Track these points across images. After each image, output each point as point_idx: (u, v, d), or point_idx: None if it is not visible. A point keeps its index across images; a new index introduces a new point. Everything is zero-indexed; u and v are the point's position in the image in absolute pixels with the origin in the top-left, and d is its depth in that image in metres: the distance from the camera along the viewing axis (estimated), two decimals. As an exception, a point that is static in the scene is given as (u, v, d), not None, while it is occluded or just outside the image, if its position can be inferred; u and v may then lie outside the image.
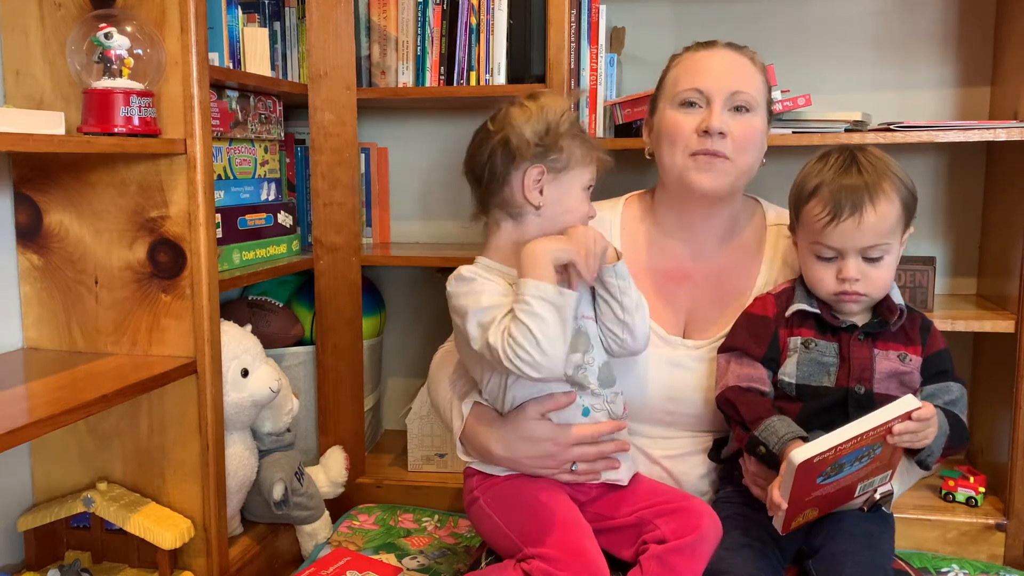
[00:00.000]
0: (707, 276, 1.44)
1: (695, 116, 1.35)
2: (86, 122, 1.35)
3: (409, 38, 2.04)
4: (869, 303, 1.28)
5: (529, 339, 1.12)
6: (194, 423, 1.49)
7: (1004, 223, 1.95)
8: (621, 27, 2.11)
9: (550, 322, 1.13)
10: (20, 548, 1.55)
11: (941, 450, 1.22)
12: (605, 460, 1.28)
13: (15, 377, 1.39)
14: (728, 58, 1.38)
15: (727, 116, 1.34)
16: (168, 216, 1.46)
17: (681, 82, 1.38)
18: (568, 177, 1.26)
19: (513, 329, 1.14)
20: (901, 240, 1.27)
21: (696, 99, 1.35)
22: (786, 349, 1.28)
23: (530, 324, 1.13)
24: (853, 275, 1.24)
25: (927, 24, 2.09)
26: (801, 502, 1.16)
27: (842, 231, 1.23)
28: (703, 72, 1.37)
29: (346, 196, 2.04)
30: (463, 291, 1.23)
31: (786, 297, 1.32)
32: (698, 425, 1.41)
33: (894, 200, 1.23)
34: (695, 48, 1.41)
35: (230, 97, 1.84)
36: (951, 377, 1.29)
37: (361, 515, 1.95)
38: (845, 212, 1.22)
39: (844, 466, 1.15)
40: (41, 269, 1.53)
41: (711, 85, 1.35)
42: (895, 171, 1.25)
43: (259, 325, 1.88)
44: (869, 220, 1.21)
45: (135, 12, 1.41)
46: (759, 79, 1.39)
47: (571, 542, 1.18)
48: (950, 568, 1.68)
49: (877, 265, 1.24)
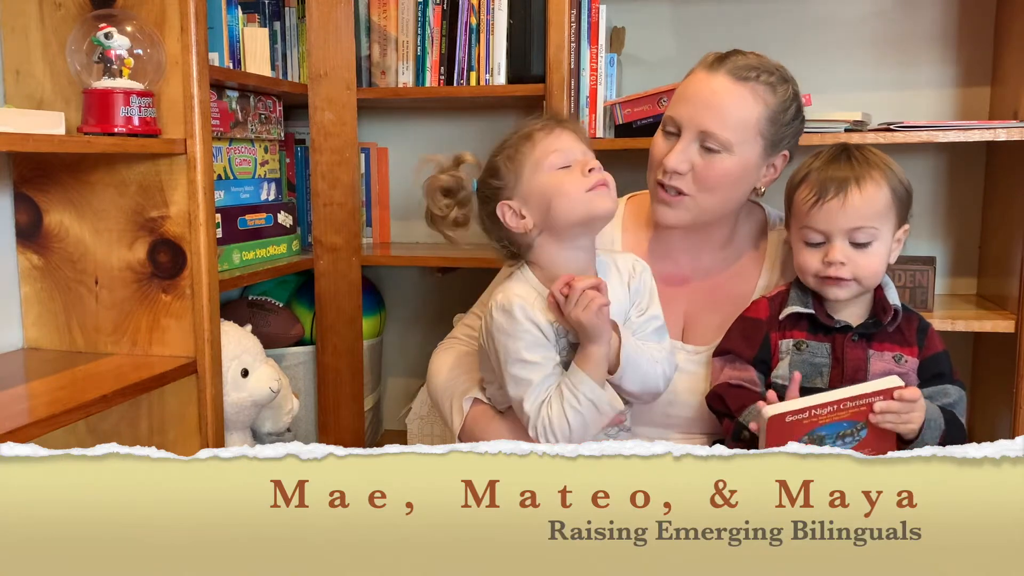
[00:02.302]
0: (707, 281, 1.44)
1: (668, 144, 1.33)
2: (86, 122, 1.35)
3: (409, 38, 2.04)
4: (857, 291, 1.26)
5: (564, 432, 1.16)
6: (194, 423, 1.49)
7: (1004, 223, 1.95)
8: (621, 27, 2.11)
9: (590, 424, 1.17)
10: (20, 548, 1.55)
11: (935, 443, 1.21)
12: None
13: (15, 377, 1.39)
14: (719, 89, 1.29)
15: (694, 152, 1.30)
16: (168, 216, 1.46)
17: (671, 102, 1.35)
18: (527, 182, 1.20)
19: (553, 416, 1.16)
20: (895, 235, 1.26)
21: (672, 128, 1.33)
22: (777, 352, 1.28)
23: (572, 421, 1.16)
24: (839, 258, 1.22)
25: (927, 24, 2.09)
26: None
27: (827, 211, 1.22)
28: (684, 100, 1.32)
29: (346, 196, 2.04)
30: (505, 329, 1.18)
31: (780, 300, 1.31)
32: (696, 428, 1.40)
33: (882, 185, 1.23)
34: (704, 64, 1.34)
35: (230, 97, 1.84)
36: (949, 380, 1.28)
37: (361, 515, 1.95)
38: (830, 192, 1.22)
39: (825, 440, 1.14)
40: (41, 269, 1.53)
41: (683, 118, 1.30)
42: (888, 164, 1.25)
43: (259, 325, 1.88)
44: (854, 200, 1.21)
45: (135, 12, 1.41)
46: (752, 113, 1.29)
47: None
48: (950, 568, 1.67)
49: (865, 251, 1.23)
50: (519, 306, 1.17)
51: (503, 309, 1.19)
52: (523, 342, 1.17)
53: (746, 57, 1.33)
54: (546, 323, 1.18)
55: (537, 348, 1.18)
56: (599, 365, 1.17)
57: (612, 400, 1.19)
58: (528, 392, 1.17)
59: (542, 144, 1.21)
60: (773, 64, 1.34)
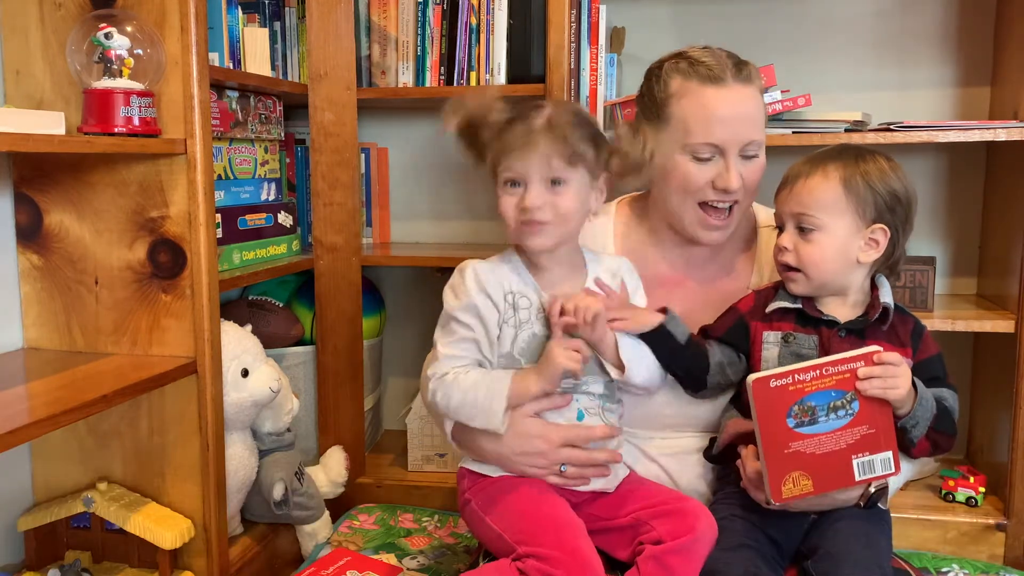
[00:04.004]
0: (701, 281, 1.45)
1: (709, 168, 1.33)
2: (86, 122, 1.35)
3: (409, 38, 2.04)
4: (807, 285, 1.27)
5: (445, 402, 1.25)
6: (194, 423, 1.49)
7: (1004, 223, 1.95)
8: (621, 27, 2.11)
9: (466, 417, 1.25)
10: (20, 548, 1.55)
11: (926, 426, 1.21)
12: (596, 468, 1.28)
13: (15, 377, 1.39)
14: (740, 100, 1.32)
15: (739, 164, 1.33)
16: (168, 216, 1.46)
17: (693, 131, 1.32)
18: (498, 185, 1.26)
19: (451, 385, 1.24)
20: (862, 234, 1.24)
21: (711, 153, 1.33)
22: (760, 342, 1.29)
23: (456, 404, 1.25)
24: (784, 243, 1.27)
25: (927, 24, 2.09)
26: (780, 452, 1.16)
27: (781, 199, 1.29)
28: (717, 124, 1.31)
29: (346, 196, 2.04)
30: (453, 285, 1.28)
31: (766, 294, 1.33)
32: (694, 426, 1.41)
33: (831, 179, 1.24)
34: (702, 80, 1.32)
35: (230, 97, 1.84)
36: (944, 384, 1.28)
37: (361, 515, 1.95)
38: (786, 183, 1.28)
39: (817, 412, 1.16)
40: (41, 269, 1.53)
41: (726, 139, 1.31)
42: (865, 163, 1.25)
43: (259, 325, 1.88)
44: (797, 188, 1.26)
45: (135, 12, 1.41)
46: (762, 105, 1.37)
47: (566, 541, 1.18)
48: (950, 568, 1.68)
49: (808, 239, 1.25)
50: (471, 271, 1.26)
51: (460, 270, 1.28)
52: (460, 302, 1.26)
53: (722, 56, 1.35)
54: (500, 297, 1.25)
55: (469, 312, 1.25)
56: (527, 392, 1.23)
57: (501, 424, 1.23)
58: (446, 346, 1.26)
59: (506, 157, 1.22)
60: (734, 55, 1.38)
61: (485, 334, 1.25)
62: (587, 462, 1.27)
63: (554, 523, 1.21)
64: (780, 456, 1.17)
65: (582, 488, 1.29)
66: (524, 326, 1.26)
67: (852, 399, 1.17)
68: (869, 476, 1.19)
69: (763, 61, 1.86)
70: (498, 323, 1.26)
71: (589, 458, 1.27)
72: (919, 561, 1.69)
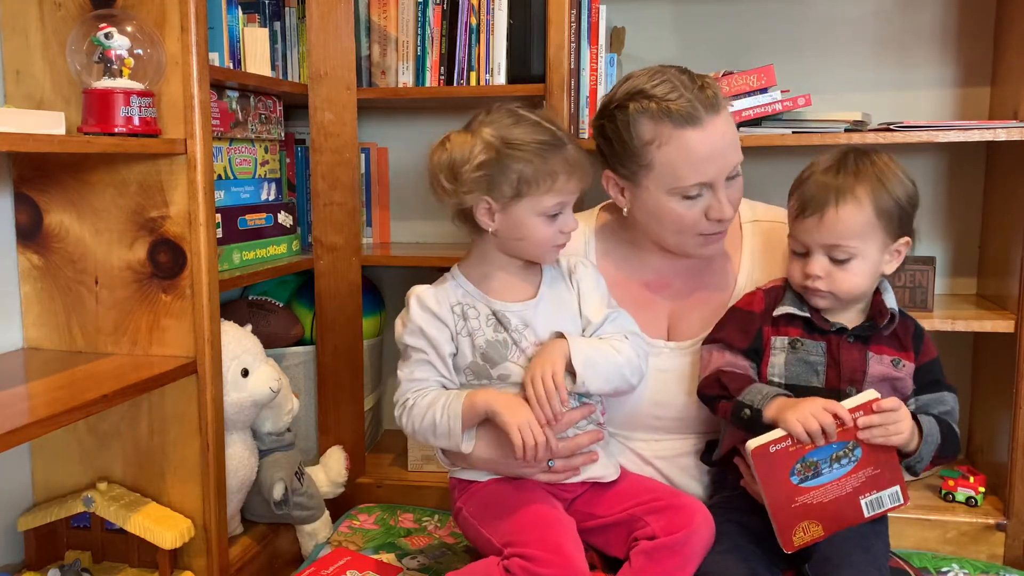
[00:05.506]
0: (687, 282, 1.44)
1: (698, 203, 1.31)
2: (86, 122, 1.35)
3: (409, 38, 2.04)
4: (835, 302, 1.26)
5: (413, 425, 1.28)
6: (194, 423, 1.50)
7: (1004, 223, 1.95)
8: (621, 27, 2.11)
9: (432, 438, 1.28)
10: (20, 548, 1.55)
11: (931, 457, 1.21)
12: (582, 455, 1.28)
13: (15, 377, 1.39)
14: (719, 133, 1.29)
15: (726, 188, 1.32)
16: (168, 216, 1.46)
17: (682, 175, 1.29)
18: (520, 207, 1.24)
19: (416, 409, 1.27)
20: (890, 248, 1.24)
21: (698, 192, 1.31)
22: (769, 347, 1.28)
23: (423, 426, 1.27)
24: (816, 272, 1.23)
25: (927, 24, 2.09)
26: (786, 508, 1.16)
27: (807, 227, 1.23)
28: (704, 162, 1.28)
29: (346, 196, 2.04)
30: (401, 316, 1.32)
31: (775, 295, 1.31)
32: (687, 428, 1.41)
33: (864, 206, 1.20)
34: (677, 124, 1.27)
35: (230, 97, 1.84)
36: (944, 386, 1.29)
37: (361, 515, 1.95)
38: (809, 208, 1.23)
39: (820, 466, 1.15)
40: (41, 269, 1.53)
41: (715, 175, 1.30)
42: (885, 178, 1.22)
43: (259, 325, 1.88)
44: (829, 219, 1.21)
45: (135, 12, 1.41)
46: (733, 122, 1.34)
47: (550, 540, 1.18)
48: (950, 568, 1.68)
49: (844, 267, 1.23)
50: (414, 296, 1.31)
51: (406, 300, 1.32)
52: (406, 328, 1.30)
53: (682, 86, 1.29)
54: (447, 311, 1.28)
55: (416, 335, 1.29)
56: (479, 414, 1.24)
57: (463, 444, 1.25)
58: (404, 372, 1.30)
59: (556, 189, 1.23)
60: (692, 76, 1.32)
61: (436, 354, 1.27)
62: (572, 450, 1.27)
63: (539, 522, 1.21)
64: (787, 511, 1.17)
65: (574, 480, 1.29)
66: (477, 333, 1.27)
67: (854, 447, 1.16)
68: (878, 511, 1.19)
69: (763, 61, 1.87)
70: (451, 337, 1.27)
71: (575, 445, 1.27)
72: (919, 561, 1.69)
